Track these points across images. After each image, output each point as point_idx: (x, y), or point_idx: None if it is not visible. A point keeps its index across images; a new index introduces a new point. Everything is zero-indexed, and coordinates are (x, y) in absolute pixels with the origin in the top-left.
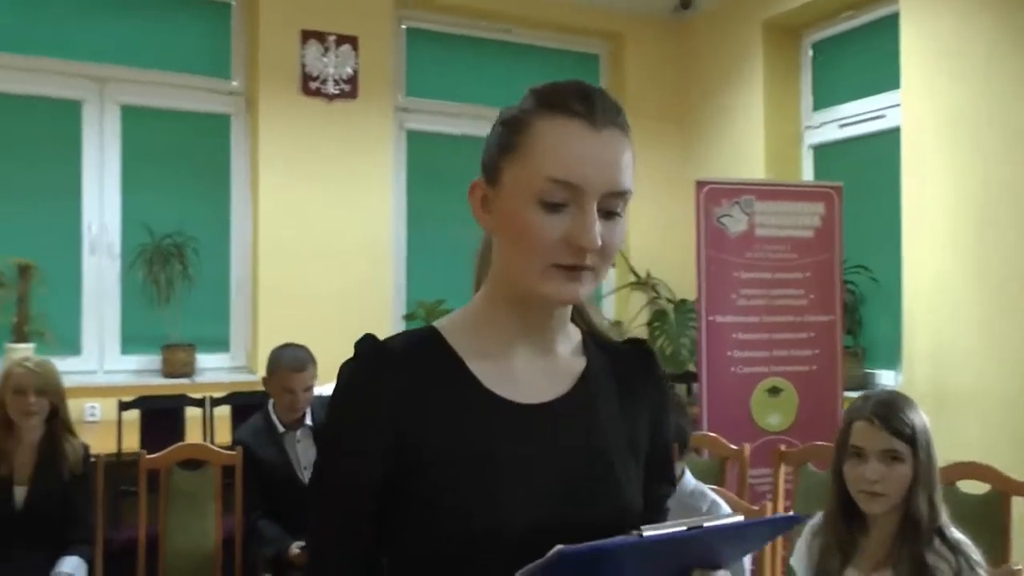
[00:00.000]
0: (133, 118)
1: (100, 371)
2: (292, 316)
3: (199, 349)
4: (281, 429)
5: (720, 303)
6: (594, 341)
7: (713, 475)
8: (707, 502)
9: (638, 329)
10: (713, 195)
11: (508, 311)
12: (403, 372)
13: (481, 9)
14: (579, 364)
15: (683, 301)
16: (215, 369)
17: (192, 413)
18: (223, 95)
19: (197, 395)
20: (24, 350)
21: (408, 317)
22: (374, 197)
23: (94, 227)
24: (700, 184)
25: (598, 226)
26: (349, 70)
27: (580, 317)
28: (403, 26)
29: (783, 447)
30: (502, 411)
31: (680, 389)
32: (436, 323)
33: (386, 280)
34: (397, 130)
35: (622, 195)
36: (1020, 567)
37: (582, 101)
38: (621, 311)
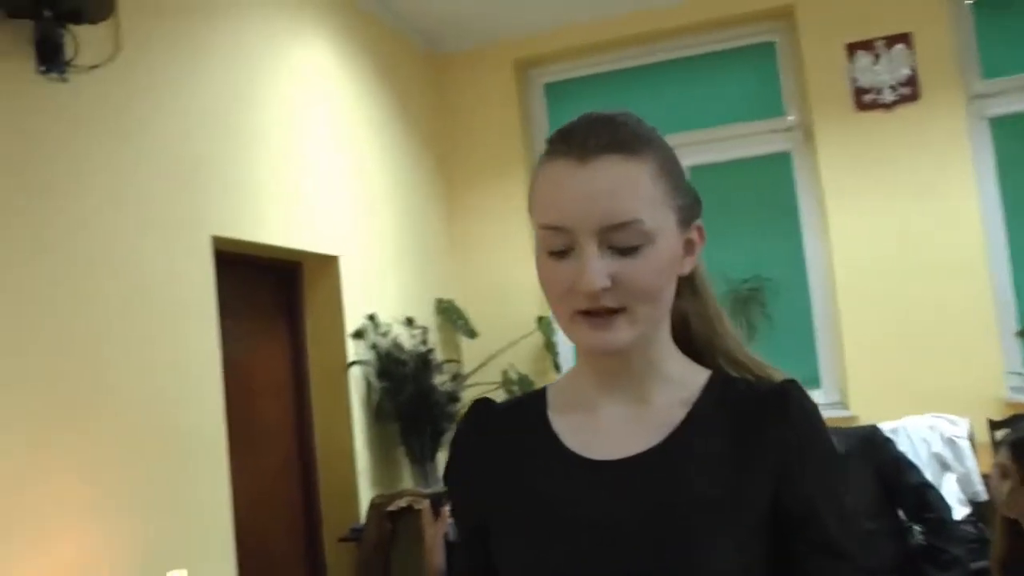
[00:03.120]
0: (701, 176)
1: None
2: (881, 347)
3: None
4: None
5: None
6: (729, 385)
7: None
8: None
9: None
10: None
11: (587, 364)
12: (494, 430)
13: None
14: (680, 414)
15: None
16: None
17: None
18: (781, 133)
19: None
20: None
21: (1022, 334)
22: (957, 202)
23: None
24: None
25: (599, 266)
26: (906, 71)
27: (727, 361)
28: (967, 1)
29: None
30: (572, 467)
31: None
32: (555, 382)
33: (985, 294)
34: (976, 121)
35: (627, 226)
36: None
37: (564, 137)
38: None
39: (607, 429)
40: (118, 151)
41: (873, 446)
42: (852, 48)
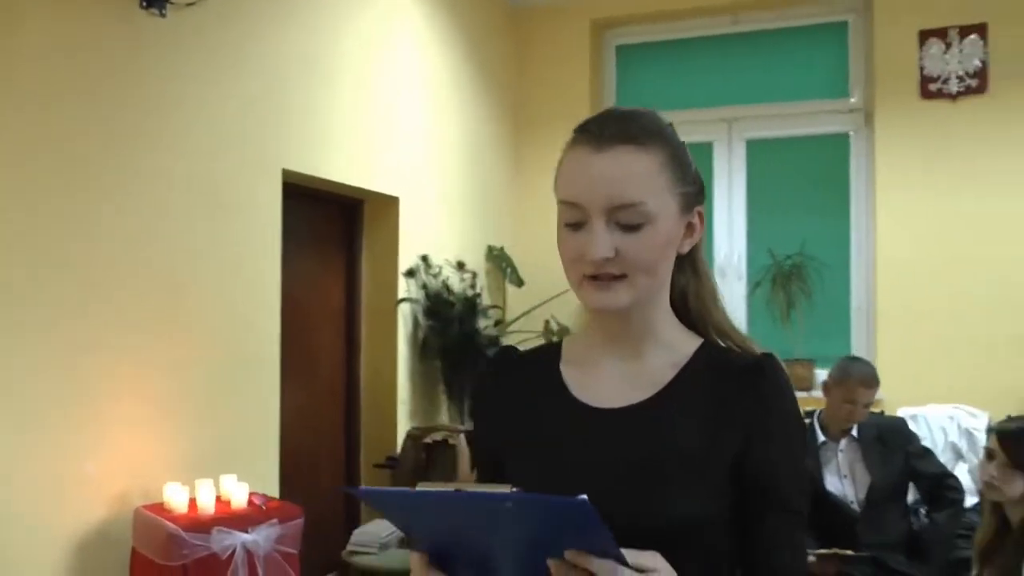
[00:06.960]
0: (757, 151)
1: None
2: (914, 334)
3: (819, 365)
4: (821, 439)
5: None
6: (715, 354)
7: None
8: None
9: None
10: None
11: (593, 322)
12: (513, 377)
13: None
14: (669, 374)
15: None
16: None
17: None
18: (842, 114)
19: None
20: None
21: None
22: (1015, 200)
23: (723, 253)
24: None
25: (605, 238)
26: (976, 62)
27: (716, 332)
28: None
29: None
30: (576, 413)
31: None
32: (569, 337)
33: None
34: None
35: (631, 207)
36: None
37: (587, 127)
38: None
39: (606, 382)
40: (207, 83)
41: (904, 436)
42: (924, 35)
